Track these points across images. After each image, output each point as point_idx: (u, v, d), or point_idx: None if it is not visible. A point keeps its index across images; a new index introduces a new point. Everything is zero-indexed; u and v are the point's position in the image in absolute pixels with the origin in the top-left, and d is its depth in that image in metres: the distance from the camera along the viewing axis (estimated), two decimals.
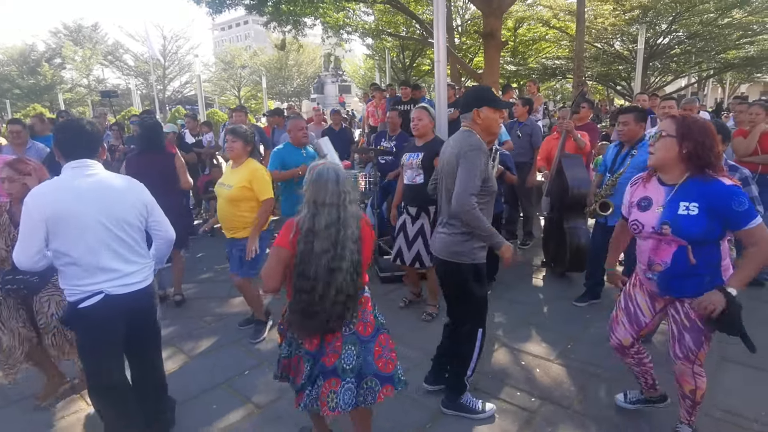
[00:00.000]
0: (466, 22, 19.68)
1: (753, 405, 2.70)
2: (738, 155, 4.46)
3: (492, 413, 2.68)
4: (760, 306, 4.03)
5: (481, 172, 2.36)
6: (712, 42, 16.47)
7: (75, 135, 2.19)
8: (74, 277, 2.11)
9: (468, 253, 2.49)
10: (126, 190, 2.25)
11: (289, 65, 40.52)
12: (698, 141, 1.97)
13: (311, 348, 2.02)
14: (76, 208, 2.06)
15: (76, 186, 2.10)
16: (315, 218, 1.91)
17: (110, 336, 2.20)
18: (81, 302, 2.11)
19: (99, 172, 2.20)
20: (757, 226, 1.96)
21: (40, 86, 31.92)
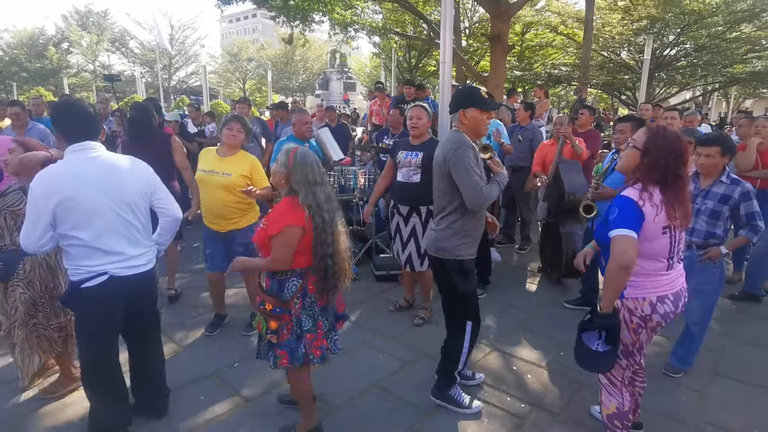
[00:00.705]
0: (474, 25, 19.63)
1: (744, 420, 2.68)
2: (739, 170, 4.43)
3: (478, 410, 2.69)
4: (754, 321, 4.01)
5: (476, 164, 2.43)
6: (719, 55, 16.43)
7: (75, 116, 2.15)
8: (80, 257, 2.12)
9: (451, 249, 2.56)
10: (130, 171, 2.24)
11: (295, 60, 40.51)
12: (654, 159, 1.98)
13: (323, 303, 2.29)
14: (83, 193, 2.05)
15: (81, 170, 2.09)
16: (315, 196, 2.16)
17: (110, 318, 2.21)
18: (84, 282, 2.11)
19: (102, 153, 2.19)
20: (613, 236, 1.98)
21: (46, 70, 31.88)
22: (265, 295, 2.23)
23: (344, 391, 2.89)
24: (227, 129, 3.36)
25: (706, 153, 2.90)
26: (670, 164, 1.98)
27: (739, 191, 2.87)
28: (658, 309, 2.08)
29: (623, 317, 2.13)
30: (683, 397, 2.90)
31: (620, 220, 1.98)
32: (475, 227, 2.60)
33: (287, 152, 2.22)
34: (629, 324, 2.13)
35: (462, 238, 2.55)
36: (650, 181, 2.00)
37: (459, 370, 2.68)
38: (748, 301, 4.34)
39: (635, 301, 2.09)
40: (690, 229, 2.99)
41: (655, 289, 2.09)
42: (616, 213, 2.00)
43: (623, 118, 3.97)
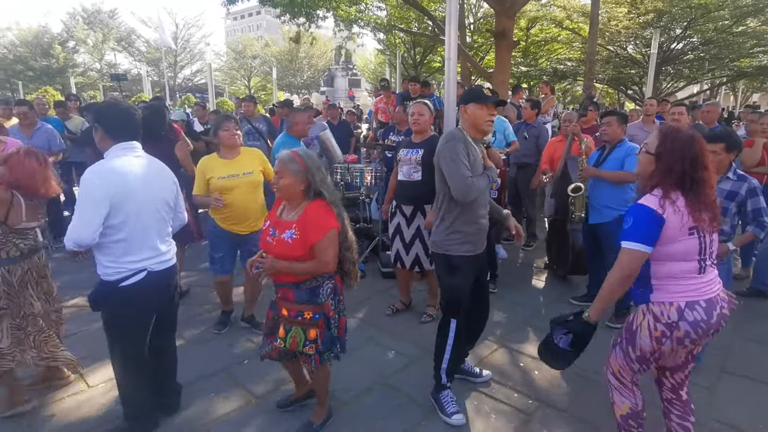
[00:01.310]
0: (479, 21, 19.55)
1: (751, 417, 2.69)
2: (745, 166, 4.42)
3: (458, 423, 2.60)
4: (761, 318, 4.00)
5: (463, 155, 2.43)
6: (726, 49, 16.26)
7: (123, 117, 2.26)
8: (122, 254, 2.19)
9: (441, 243, 2.61)
10: (164, 172, 2.42)
11: (300, 57, 40.49)
12: (668, 165, 1.89)
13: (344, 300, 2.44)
14: (134, 189, 2.17)
15: (131, 167, 2.21)
16: (330, 190, 2.26)
17: (148, 312, 2.35)
18: (124, 280, 2.20)
19: (145, 155, 2.33)
20: (622, 248, 1.92)
21: (53, 69, 32.03)
22: (299, 306, 2.23)
23: (351, 387, 2.92)
24: (224, 131, 3.32)
25: (711, 149, 2.88)
26: (686, 168, 1.87)
27: (746, 187, 2.87)
28: (687, 316, 1.90)
29: (648, 324, 1.98)
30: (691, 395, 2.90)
31: (632, 232, 1.90)
32: (465, 224, 2.56)
33: (292, 158, 2.17)
34: (653, 332, 1.97)
35: (451, 234, 2.56)
36: (670, 186, 1.89)
37: (443, 367, 2.67)
38: (756, 297, 4.33)
39: (661, 305, 1.95)
40: None
41: (684, 293, 1.93)
42: (630, 223, 1.92)
43: (608, 112, 4.04)
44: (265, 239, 2.31)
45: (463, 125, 2.58)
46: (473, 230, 2.60)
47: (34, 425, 2.61)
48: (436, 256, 2.70)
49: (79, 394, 2.88)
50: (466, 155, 2.45)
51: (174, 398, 2.69)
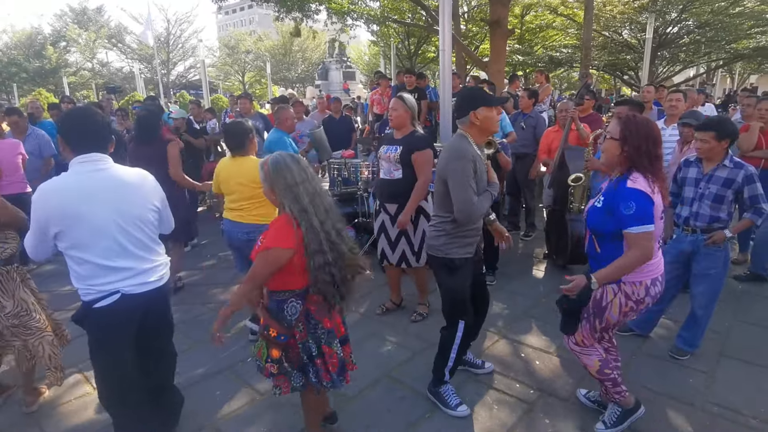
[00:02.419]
0: (473, 9, 19.38)
1: (751, 401, 2.72)
2: (741, 151, 4.42)
3: (464, 414, 2.64)
4: (760, 302, 4.03)
5: (471, 177, 2.40)
6: (723, 32, 16.17)
7: (82, 125, 2.03)
8: (89, 276, 2.03)
9: (440, 248, 2.58)
10: (140, 186, 2.15)
11: (293, 51, 40.20)
12: (635, 145, 2.08)
13: (331, 325, 2.12)
14: (85, 209, 1.95)
15: (85, 185, 1.99)
16: (299, 199, 1.96)
17: (125, 336, 2.14)
18: (96, 302, 2.04)
19: (109, 166, 2.08)
20: (637, 233, 2.05)
21: (45, 70, 31.81)
22: (270, 318, 2.07)
23: (355, 382, 2.94)
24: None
25: (701, 138, 2.91)
26: (649, 147, 2.08)
27: (742, 174, 2.88)
28: (651, 291, 2.19)
29: (619, 302, 2.21)
30: (690, 379, 2.94)
31: (639, 216, 2.04)
32: (467, 234, 2.56)
33: (261, 166, 2.06)
34: (623, 308, 2.21)
35: (452, 239, 2.55)
36: (645, 169, 2.08)
37: (448, 366, 2.68)
38: (754, 281, 4.36)
39: (633, 285, 2.17)
40: (694, 213, 3.01)
41: (650, 272, 2.18)
42: (634, 208, 2.04)
43: (621, 101, 4.00)
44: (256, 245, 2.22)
45: (469, 131, 2.50)
46: (474, 233, 2.61)
47: (40, 427, 2.64)
48: (435, 260, 2.64)
49: (85, 396, 2.91)
50: (474, 173, 2.41)
51: (173, 409, 2.57)
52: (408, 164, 3.39)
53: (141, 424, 2.28)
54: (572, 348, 2.45)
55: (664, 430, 2.52)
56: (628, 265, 2.10)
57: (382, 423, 2.62)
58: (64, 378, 2.78)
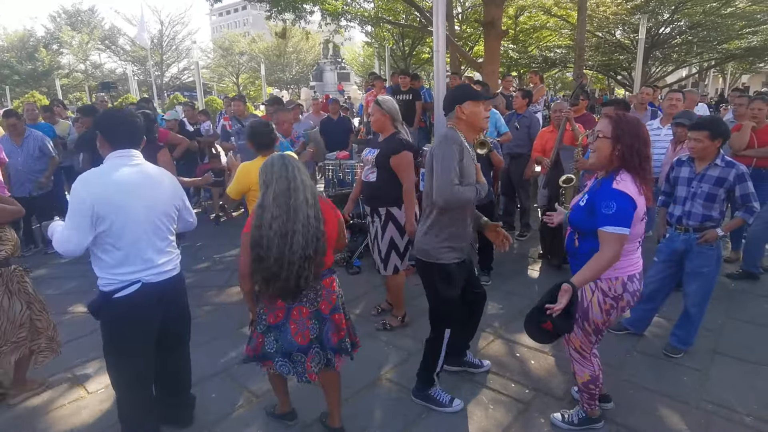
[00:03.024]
0: (467, 10, 19.46)
1: (745, 398, 2.74)
2: (733, 150, 4.46)
3: (459, 408, 2.67)
4: (752, 300, 4.06)
5: (456, 161, 2.35)
6: (714, 32, 16.32)
7: (121, 124, 2.21)
8: (113, 265, 2.13)
9: (434, 253, 2.51)
10: (165, 182, 2.30)
11: (288, 52, 40.16)
12: (628, 144, 2.08)
13: (275, 321, 2.23)
14: (124, 200, 2.08)
15: (123, 177, 2.13)
16: (264, 195, 2.09)
17: (146, 327, 2.23)
18: (117, 292, 2.13)
19: (142, 163, 2.24)
20: (610, 233, 2.04)
21: (38, 72, 31.61)
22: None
23: (351, 383, 2.94)
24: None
25: (694, 137, 2.93)
26: (641, 147, 2.09)
27: (734, 173, 2.90)
28: (629, 287, 2.20)
29: (598, 300, 2.22)
30: (684, 377, 2.96)
31: (617, 218, 2.03)
32: (457, 231, 2.51)
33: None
34: (602, 305, 2.22)
35: (443, 241, 2.49)
36: (634, 170, 2.09)
37: (436, 371, 2.68)
38: (747, 279, 4.40)
39: (609, 281, 2.20)
40: (687, 212, 3.03)
41: (627, 269, 2.20)
42: (614, 209, 2.03)
43: (608, 102, 4.03)
44: None
45: (457, 126, 2.48)
46: (464, 235, 2.55)
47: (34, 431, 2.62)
48: (424, 266, 2.57)
49: (79, 400, 2.89)
50: (460, 159, 2.37)
51: (186, 411, 2.61)
52: (383, 167, 3.33)
53: (146, 417, 2.33)
54: (572, 354, 2.44)
55: (659, 428, 2.53)
56: (600, 267, 2.07)
57: (379, 424, 2.62)
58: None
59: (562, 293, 2.02)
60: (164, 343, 2.36)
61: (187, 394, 2.62)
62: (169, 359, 2.45)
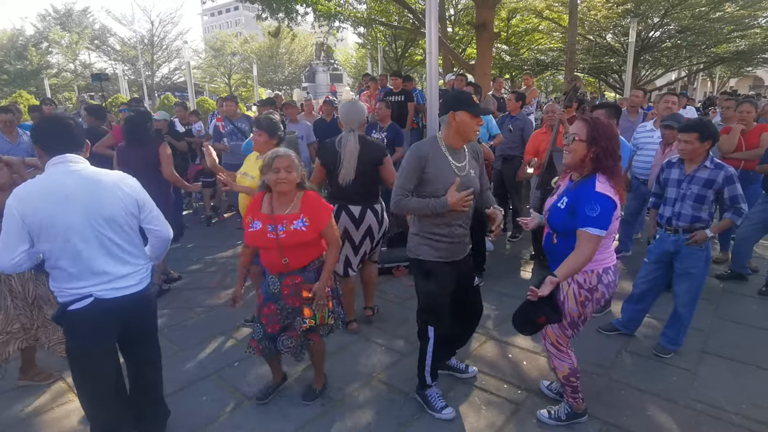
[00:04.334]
0: (459, 13, 19.54)
1: (733, 397, 2.77)
2: (722, 152, 4.52)
3: (448, 417, 2.63)
4: (741, 300, 4.11)
5: (414, 171, 2.41)
6: (703, 36, 16.53)
7: (54, 128, 2.07)
8: (62, 279, 2.02)
9: (413, 249, 2.59)
10: (114, 187, 2.08)
11: (280, 53, 39.99)
12: (603, 147, 2.15)
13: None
14: (59, 210, 1.93)
15: (59, 185, 1.97)
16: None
17: (100, 340, 2.10)
18: (70, 304, 2.02)
19: (83, 168, 2.06)
20: (590, 234, 2.11)
21: (27, 71, 31.20)
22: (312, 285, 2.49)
23: (343, 384, 2.94)
24: (253, 135, 3.37)
25: (684, 139, 2.97)
26: (614, 148, 2.19)
27: (722, 175, 2.94)
28: (603, 280, 2.26)
29: (573, 292, 2.28)
30: (673, 377, 2.99)
31: (600, 220, 2.11)
32: (435, 226, 2.49)
33: (295, 156, 2.45)
34: (578, 298, 2.28)
35: (421, 238, 2.52)
36: (607, 171, 2.16)
37: (426, 370, 2.67)
38: (735, 280, 4.45)
39: (585, 274, 2.25)
40: (676, 213, 3.07)
41: (603, 262, 2.26)
42: (598, 211, 2.10)
43: (598, 105, 4.06)
44: (266, 236, 2.42)
45: (445, 132, 2.47)
46: (445, 233, 2.50)
47: None
48: (411, 261, 2.65)
49: (68, 403, 2.85)
50: (420, 170, 2.40)
51: (154, 426, 2.51)
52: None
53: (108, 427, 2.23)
54: (548, 349, 2.51)
55: (649, 427, 2.55)
56: (578, 264, 2.16)
57: (372, 425, 2.61)
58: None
59: (548, 283, 2.13)
60: (129, 356, 2.31)
61: (154, 410, 2.49)
62: (134, 373, 2.38)
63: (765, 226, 4.27)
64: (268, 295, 2.54)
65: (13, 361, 2.95)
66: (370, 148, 3.36)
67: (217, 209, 7.23)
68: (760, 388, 2.86)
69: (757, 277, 4.48)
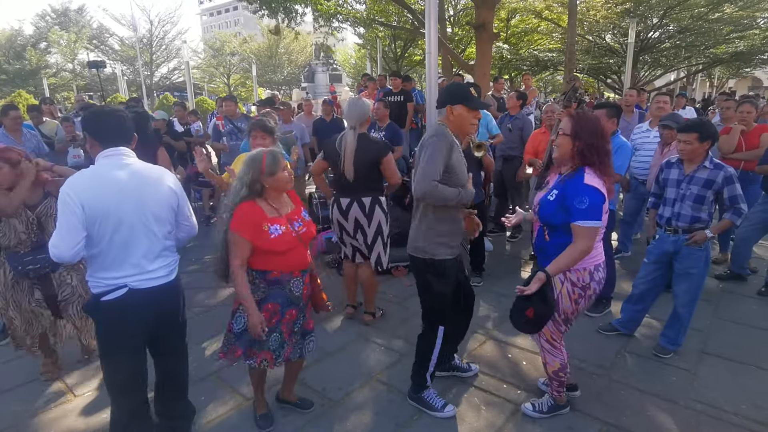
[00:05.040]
0: (459, 13, 19.55)
1: (733, 398, 2.77)
2: (722, 153, 4.52)
3: (451, 415, 2.65)
4: (740, 300, 4.11)
5: (444, 158, 2.34)
6: (702, 37, 16.57)
7: (109, 120, 2.10)
8: (101, 268, 2.04)
9: (427, 249, 2.51)
10: (161, 183, 2.16)
11: (279, 53, 39.99)
12: (587, 142, 2.20)
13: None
14: (114, 200, 1.98)
15: (114, 177, 2.02)
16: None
17: (133, 331, 2.12)
18: (104, 295, 2.04)
19: (134, 162, 2.13)
20: (584, 227, 2.16)
21: (25, 71, 31.17)
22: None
23: (343, 385, 2.93)
24: (252, 138, 3.38)
25: (684, 139, 2.97)
26: (599, 143, 2.21)
27: (722, 176, 2.94)
28: (594, 276, 2.31)
29: (567, 290, 2.32)
30: (673, 377, 2.99)
31: (590, 212, 2.14)
32: (449, 228, 2.50)
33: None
34: (571, 295, 2.33)
35: (436, 237, 2.48)
36: (593, 165, 2.20)
37: (429, 371, 2.66)
38: (735, 280, 4.45)
39: (578, 272, 2.29)
40: (676, 214, 3.06)
41: (594, 259, 2.30)
42: (587, 204, 2.14)
43: (599, 104, 4.06)
44: (291, 237, 2.33)
45: (445, 123, 2.48)
46: (456, 231, 2.53)
47: None
48: (418, 262, 2.55)
49: (66, 403, 2.84)
50: (449, 157, 2.37)
51: (182, 422, 2.51)
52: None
53: (136, 420, 2.24)
54: (542, 345, 2.53)
55: (649, 428, 2.55)
56: (573, 257, 2.20)
57: (370, 426, 2.60)
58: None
59: (535, 280, 2.19)
60: (159, 350, 2.31)
61: (183, 404, 2.50)
62: (163, 367, 2.38)
63: (764, 227, 4.27)
64: (286, 300, 2.36)
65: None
66: (369, 146, 3.37)
67: (216, 209, 7.21)
68: (760, 389, 2.85)
69: (757, 278, 4.48)
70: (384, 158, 3.37)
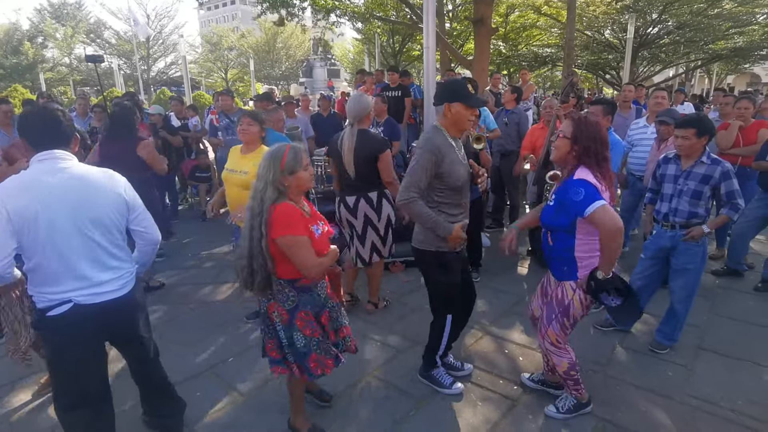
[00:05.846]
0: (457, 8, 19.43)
1: (729, 394, 2.77)
2: (720, 148, 4.52)
3: (458, 392, 2.79)
4: (737, 296, 4.12)
5: (429, 170, 2.39)
6: (701, 32, 16.51)
7: (41, 122, 1.93)
8: (41, 282, 1.90)
9: (430, 241, 2.56)
10: (103, 186, 1.98)
11: (277, 48, 39.79)
12: (585, 146, 2.21)
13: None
14: (43, 209, 1.82)
15: (43, 181, 1.85)
16: None
17: (80, 348, 1.98)
18: (48, 310, 1.91)
19: (71, 165, 1.95)
20: (596, 210, 2.10)
21: (22, 66, 30.97)
22: None
23: (339, 381, 2.92)
24: (238, 126, 3.40)
25: (682, 135, 2.96)
26: (598, 148, 2.21)
27: (719, 171, 2.93)
28: None
29: (579, 297, 2.34)
30: (669, 373, 2.99)
31: (589, 197, 2.12)
32: (451, 220, 2.52)
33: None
34: (583, 302, 2.35)
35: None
36: (590, 166, 2.20)
37: (439, 354, 2.80)
38: (731, 276, 4.46)
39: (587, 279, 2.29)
40: (673, 209, 3.06)
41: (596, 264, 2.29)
42: (583, 193, 2.13)
43: (595, 101, 4.07)
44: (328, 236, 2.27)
45: (442, 121, 2.51)
46: (461, 221, 2.56)
47: None
48: (424, 255, 2.60)
49: None
50: (437, 167, 2.40)
51: (173, 420, 2.49)
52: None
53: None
54: (547, 348, 2.51)
55: (645, 423, 2.55)
56: (611, 242, 2.12)
57: (367, 422, 2.60)
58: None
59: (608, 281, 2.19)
60: (128, 356, 2.26)
61: (172, 404, 2.47)
62: (138, 375, 2.34)
63: (761, 223, 4.28)
64: (317, 303, 2.26)
65: None
66: (368, 142, 3.38)
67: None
68: (756, 384, 2.86)
69: (753, 274, 4.48)
70: (381, 154, 3.36)
